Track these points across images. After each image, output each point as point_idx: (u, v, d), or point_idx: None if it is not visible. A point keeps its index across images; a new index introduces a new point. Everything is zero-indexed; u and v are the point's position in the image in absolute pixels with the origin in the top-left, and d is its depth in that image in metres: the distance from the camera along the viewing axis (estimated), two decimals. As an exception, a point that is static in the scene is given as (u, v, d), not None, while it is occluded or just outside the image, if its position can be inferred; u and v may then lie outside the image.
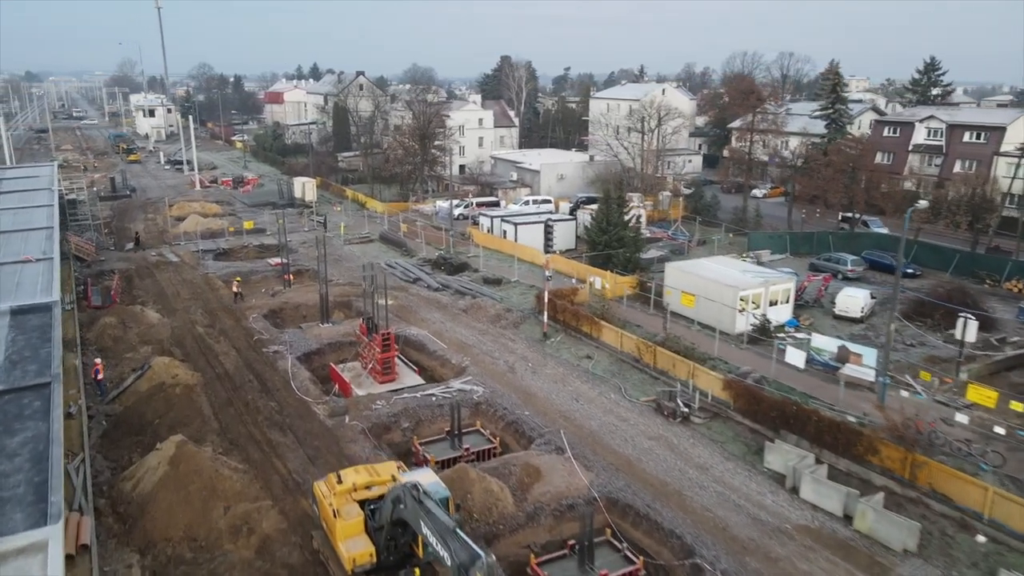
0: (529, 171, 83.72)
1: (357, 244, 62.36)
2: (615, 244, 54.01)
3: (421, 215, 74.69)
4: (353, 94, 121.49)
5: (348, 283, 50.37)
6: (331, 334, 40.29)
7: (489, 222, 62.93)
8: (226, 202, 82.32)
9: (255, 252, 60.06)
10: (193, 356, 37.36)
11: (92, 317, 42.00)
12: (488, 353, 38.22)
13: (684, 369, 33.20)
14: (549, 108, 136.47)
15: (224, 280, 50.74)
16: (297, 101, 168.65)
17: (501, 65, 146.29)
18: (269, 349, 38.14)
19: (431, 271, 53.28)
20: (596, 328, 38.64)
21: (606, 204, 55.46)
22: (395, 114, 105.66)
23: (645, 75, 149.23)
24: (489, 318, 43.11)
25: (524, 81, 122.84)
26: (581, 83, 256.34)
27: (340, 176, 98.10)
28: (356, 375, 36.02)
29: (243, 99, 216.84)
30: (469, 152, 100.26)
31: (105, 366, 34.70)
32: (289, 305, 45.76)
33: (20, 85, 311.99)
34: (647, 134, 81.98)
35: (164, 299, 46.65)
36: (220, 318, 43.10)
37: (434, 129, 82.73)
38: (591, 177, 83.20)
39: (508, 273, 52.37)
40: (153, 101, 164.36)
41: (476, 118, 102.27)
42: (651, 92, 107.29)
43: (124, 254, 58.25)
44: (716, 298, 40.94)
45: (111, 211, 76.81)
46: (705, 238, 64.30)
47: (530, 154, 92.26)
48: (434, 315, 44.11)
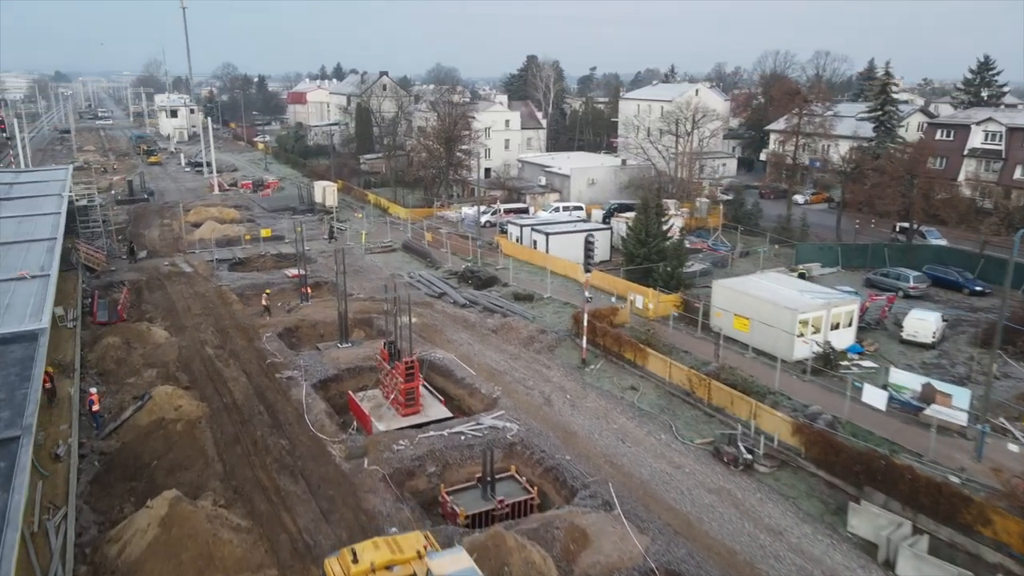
0: (559, 175, 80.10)
1: (379, 254, 59.16)
2: (655, 257, 50.26)
3: (446, 222, 71.39)
4: (376, 94, 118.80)
5: (369, 298, 47.13)
6: (350, 357, 37.01)
7: (518, 231, 59.40)
8: (245, 207, 79.66)
9: (272, 262, 57.11)
10: (200, 382, 34.27)
11: (96, 335, 39.15)
12: (521, 381, 34.69)
13: (744, 407, 29.41)
14: (576, 109, 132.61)
15: (238, 294, 47.78)
16: (320, 102, 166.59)
17: (527, 65, 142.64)
18: (283, 375, 34.94)
19: (457, 285, 49.89)
20: (641, 355, 34.94)
21: (644, 213, 51.72)
22: (419, 115, 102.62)
23: (676, 75, 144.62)
24: (521, 340, 39.59)
25: (552, 81, 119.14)
26: (607, 83, 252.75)
27: (362, 179, 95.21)
28: (376, 405, 32.69)
29: (266, 99, 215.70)
30: (495, 155, 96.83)
31: (103, 395, 31.72)
32: (306, 323, 42.59)
33: (48, 85, 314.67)
34: (682, 137, 77.91)
35: (174, 314, 43.72)
36: (231, 337, 40.04)
37: (460, 131, 79.40)
38: (623, 182, 79.41)
39: (540, 288, 48.80)
40: (176, 101, 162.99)
41: (503, 119, 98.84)
42: (684, 93, 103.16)
43: (137, 263, 55.56)
44: (772, 322, 37.06)
45: (127, 216, 74.52)
46: (748, 249, 60.24)
47: (559, 157, 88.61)
48: (461, 336, 40.69)
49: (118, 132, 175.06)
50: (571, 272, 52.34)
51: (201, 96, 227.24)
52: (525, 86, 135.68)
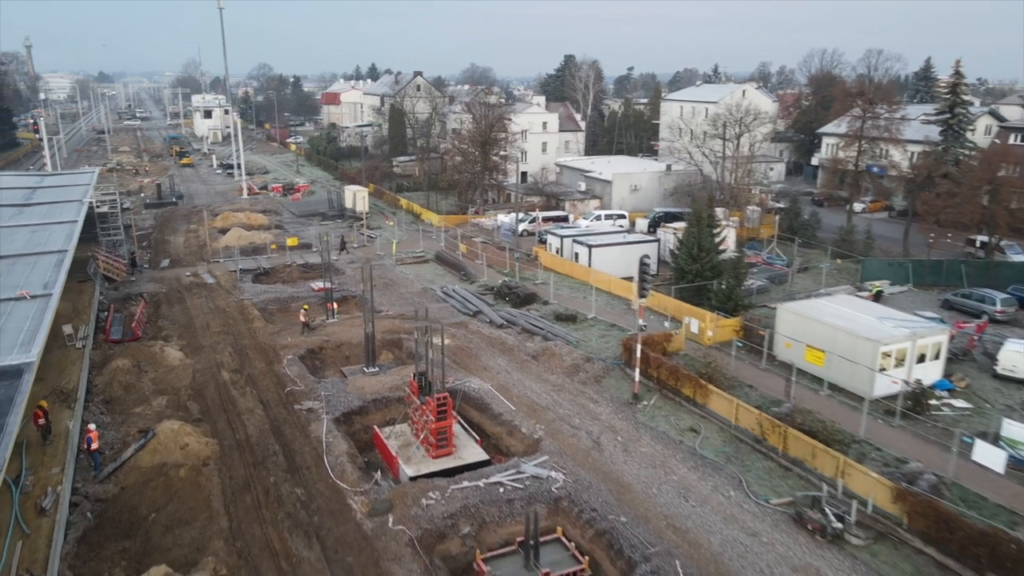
0: (599, 181, 76.09)
1: (410, 265, 55.86)
2: (708, 274, 46.11)
3: (480, 230, 67.90)
4: (410, 95, 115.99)
5: (398, 315, 43.81)
6: (376, 386, 33.62)
7: (558, 242, 55.60)
8: (274, 211, 77.18)
9: (298, 272, 54.18)
10: (212, 413, 31.19)
11: (107, 356, 36.39)
12: (566, 419, 30.94)
13: (828, 462, 25.27)
14: (615, 111, 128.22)
15: (260, 308, 44.82)
16: (353, 102, 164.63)
17: (565, 64, 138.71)
18: (302, 406, 31.68)
19: (493, 302, 46.31)
20: (701, 392, 30.93)
21: (697, 225, 47.55)
22: (453, 117, 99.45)
23: (721, 75, 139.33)
24: (565, 369, 35.82)
25: (591, 82, 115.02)
26: (644, 84, 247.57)
27: (394, 183, 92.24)
28: (405, 444, 29.24)
29: (301, 100, 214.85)
30: (532, 159, 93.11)
31: (106, 428, 28.80)
32: (330, 344, 39.37)
33: (90, 85, 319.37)
34: (731, 141, 73.30)
35: (191, 332, 40.87)
36: (250, 359, 36.97)
37: (496, 134, 75.88)
38: (668, 189, 75.16)
39: (583, 307, 44.98)
40: (211, 102, 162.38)
41: (540, 121, 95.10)
42: (731, 94, 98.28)
43: (159, 272, 53.07)
44: (849, 354, 32.75)
45: (154, 220, 72.48)
46: (807, 263, 55.63)
47: (599, 162, 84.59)
48: (498, 361, 37.07)
49: (154, 133, 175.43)
50: (616, 288, 48.45)
51: (237, 97, 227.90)
52: (563, 87, 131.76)
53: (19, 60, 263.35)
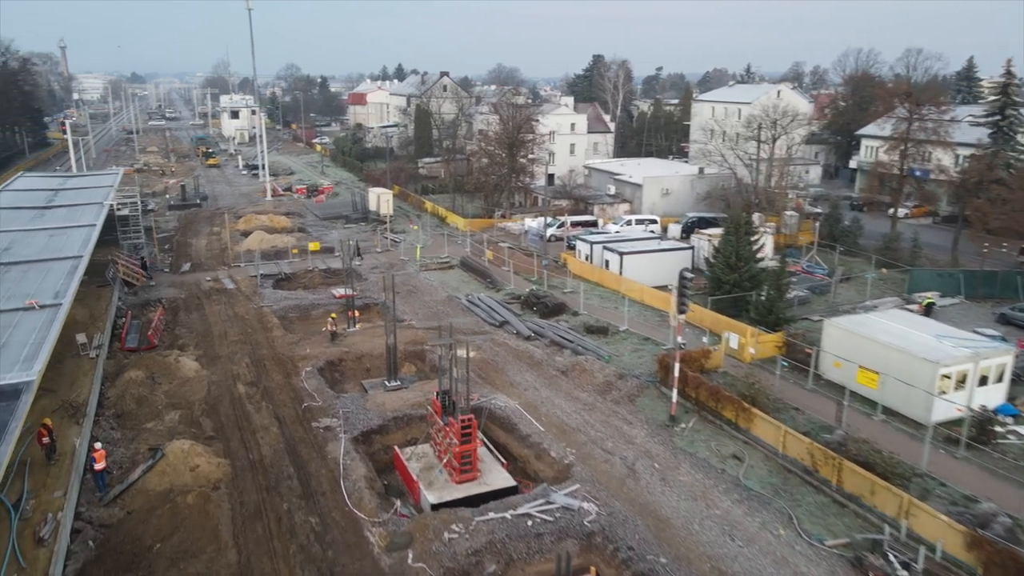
0: (629, 184, 73.86)
1: (435, 271, 54.19)
2: (746, 284, 43.80)
3: (507, 234, 66.08)
4: (436, 95, 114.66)
5: (422, 326, 42.12)
6: (398, 403, 31.92)
7: (588, 248, 53.57)
8: (297, 213, 76.11)
9: (320, 278, 52.79)
10: (226, 430, 29.73)
11: (120, 366, 35.16)
12: (598, 442, 28.97)
13: (889, 500, 23.00)
14: (645, 112, 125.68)
15: (280, 316, 43.46)
16: (380, 103, 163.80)
17: (593, 65, 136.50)
18: (320, 424, 30.10)
19: (521, 311, 44.44)
20: (745, 416, 28.76)
21: (735, 233, 45.23)
22: (480, 117, 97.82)
23: (754, 75, 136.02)
24: (596, 386, 33.84)
25: (621, 82, 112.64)
26: (673, 84, 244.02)
27: (419, 184, 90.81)
28: (427, 467, 27.51)
29: (327, 100, 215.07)
30: (560, 160, 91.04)
31: (112, 450, 27.42)
32: (351, 355, 37.79)
33: (122, 86, 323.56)
34: (768, 143, 70.61)
35: (208, 341, 39.58)
36: (267, 371, 35.52)
37: (524, 136, 74.01)
38: (701, 192, 72.66)
39: (615, 318, 42.92)
40: (238, 102, 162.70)
41: (568, 123, 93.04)
42: (765, 94, 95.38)
43: (179, 276, 52.04)
44: (905, 376, 30.35)
45: (178, 222, 71.77)
46: (849, 273, 52.94)
47: (629, 164, 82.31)
48: (526, 377, 35.19)
49: (182, 133, 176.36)
50: (648, 298, 46.33)
51: (265, 97, 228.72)
52: (591, 87, 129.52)
53: (52, 61, 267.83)
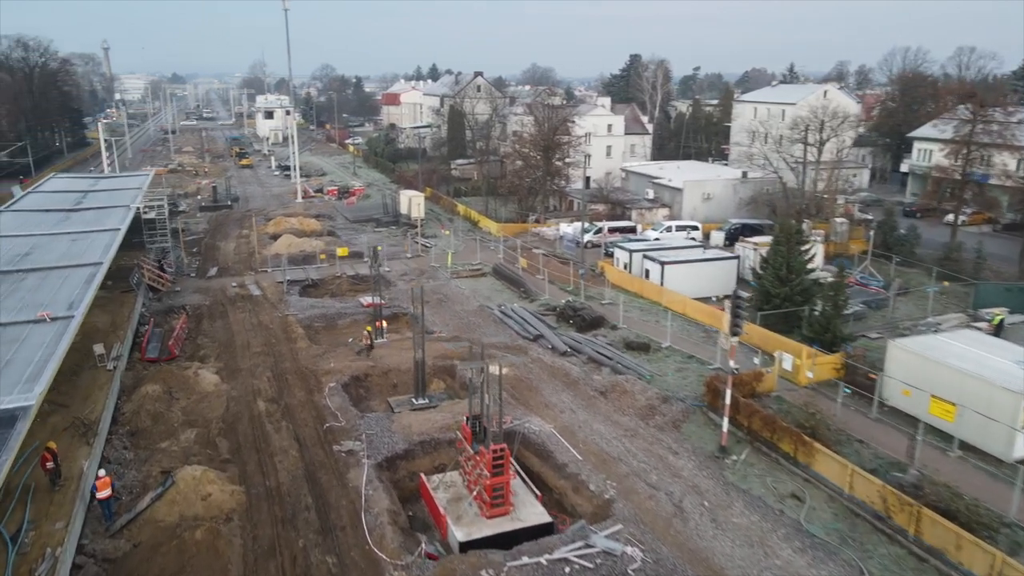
0: (669, 188, 71.06)
1: (467, 278, 52.15)
2: (798, 298, 40.94)
3: (542, 240, 63.82)
4: (469, 96, 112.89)
5: (452, 337, 40.12)
6: (425, 426, 29.87)
7: (626, 257, 51.05)
8: (328, 216, 74.81)
9: (348, 284, 51.14)
10: (243, 452, 27.98)
11: (138, 379, 33.70)
12: (641, 474, 26.57)
13: (978, 557, 20.24)
14: (683, 112, 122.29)
15: (305, 326, 41.80)
16: (413, 103, 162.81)
17: (630, 64, 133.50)
18: (342, 447, 28.19)
19: (556, 324, 42.15)
20: (804, 450, 26.10)
21: (785, 242, 42.38)
22: (514, 119, 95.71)
23: (799, 75, 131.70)
24: (638, 410, 31.40)
25: (659, 82, 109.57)
26: (711, 84, 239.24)
27: (452, 187, 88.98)
28: (455, 498, 25.41)
29: (361, 100, 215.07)
30: (596, 163, 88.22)
31: (122, 473, 25.84)
32: (377, 370, 35.87)
33: (162, 86, 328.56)
34: (816, 146, 67.23)
35: (230, 351, 38.03)
36: (290, 387, 33.78)
37: (559, 138, 71.65)
38: (744, 198, 69.59)
39: (656, 333, 40.38)
40: (272, 102, 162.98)
41: (605, 124, 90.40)
42: (810, 94, 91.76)
43: (205, 281, 50.79)
44: (982, 406, 27.42)
45: (207, 224, 70.90)
46: (907, 285, 49.61)
47: (668, 167, 79.46)
48: (562, 397, 32.90)
49: (218, 133, 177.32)
50: (691, 311, 43.70)
51: (300, 97, 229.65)
52: (628, 87, 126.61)
53: (95, 61, 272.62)
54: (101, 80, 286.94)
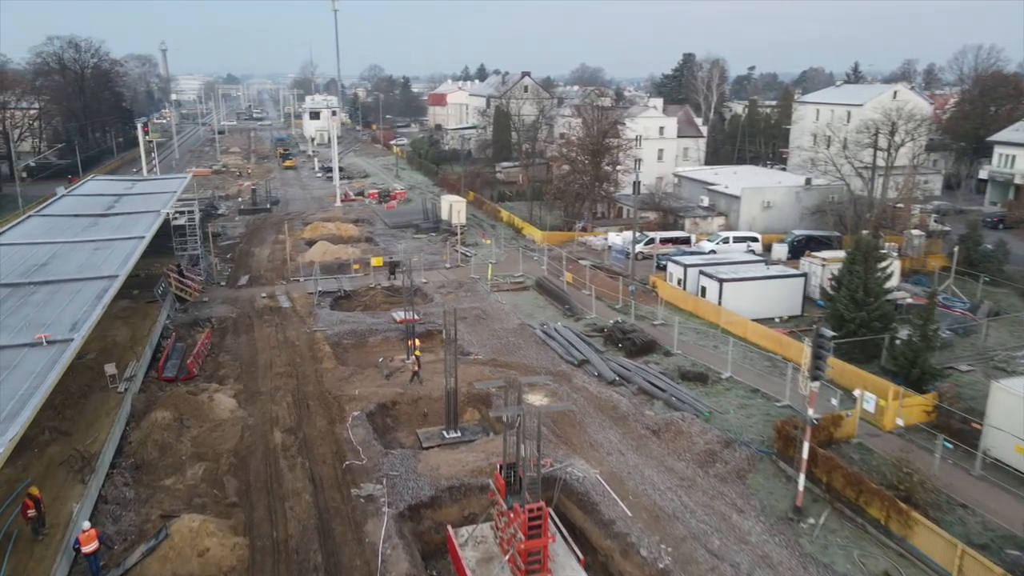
0: (725, 196, 66.59)
1: (507, 292, 48.87)
2: (876, 324, 36.51)
3: (589, 250, 60.15)
4: (516, 96, 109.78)
5: (489, 360, 36.89)
6: (455, 467, 26.65)
7: (680, 271, 47.08)
8: (367, 220, 72.49)
9: (383, 296, 48.39)
10: (252, 494, 25.19)
11: (151, 401, 31.32)
12: (701, 537, 22.85)
13: None
14: (739, 114, 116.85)
15: (333, 343, 39.11)
16: (460, 103, 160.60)
17: (684, 64, 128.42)
18: (360, 491, 25.19)
19: (603, 347, 38.55)
20: (899, 518, 22.01)
21: (862, 260, 37.95)
22: (561, 120, 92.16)
23: (865, 75, 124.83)
24: (696, 455, 27.64)
25: (715, 82, 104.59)
26: (766, 84, 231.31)
27: (496, 191, 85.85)
28: (485, 559, 22.19)
29: (408, 101, 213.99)
30: (647, 167, 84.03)
31: (119, 513, 23.29)
32: (406, 397, 32.83)
33: (215, 86, 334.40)
34: (886, 150, 62.02)
35: (252, 372, 35.51)
36: (310, 415, 31.00)
37: (609, 141, 67.88)
38: (808, 206, 64.72)
39: (714, 360, 36.46)
40: (319, 103, 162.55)
41: (657, 126, 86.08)
42: (879, 95, 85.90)
43: (235, 291, 48.66)
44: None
45: (245, 229, 69.21)
46: (997, 308, 44.50)
47: (724, 173, 74.84)
48: (609, 436, 29.34)
49: (266, 134, 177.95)
50: (752, 334, 39.58)
51: (349, 97, 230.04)
52: (680, 88, 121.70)
53: (151, 63, 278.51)
54: (157, 81, 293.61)
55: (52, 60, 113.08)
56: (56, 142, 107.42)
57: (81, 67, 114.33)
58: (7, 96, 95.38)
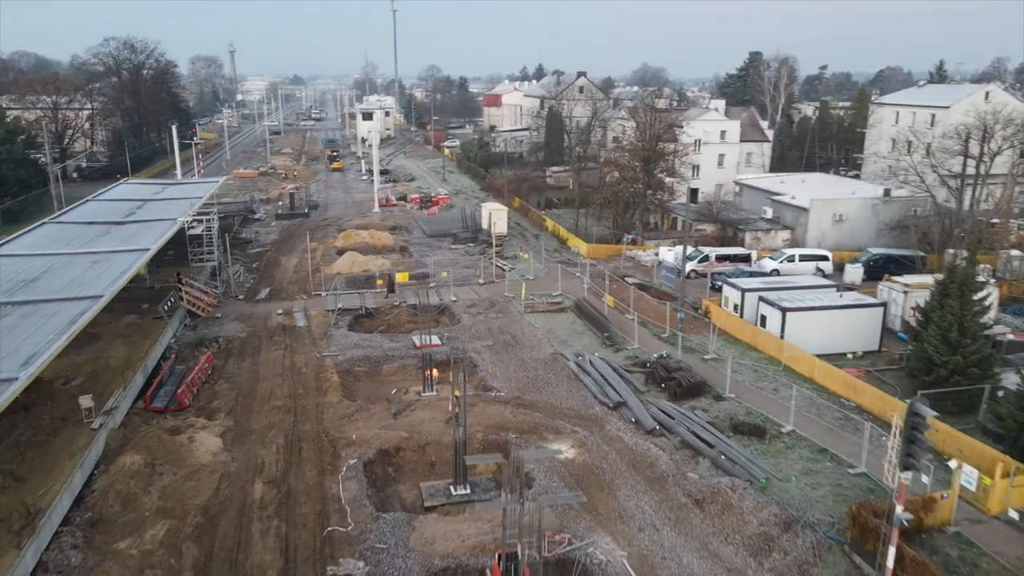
0: (792, 207, 60.40)
1: (543, 313, 44.33)
2: (974, 372, 30.60)
3: (637, 266, 55.06)
4: (570, 97, 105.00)
5: (514, 398, 32.48)
6: (452, 542, 22.31)
7: (737, 296, 41.67)
8: (405, 228, 69.10)
9: (407, 315, 44.53)
10: (213, 566, 21.44)
11: (127, 439, 28.03)
12: (751, 662, 17.94)
13: None
14: (808, 116, 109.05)
15: (344, 371, 35.42)
16: (514, 104, 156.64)
17: (749, 63, 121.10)
18: (337, 570, 21.17)
19: (644, 386, 33.67)
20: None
21: (958, 295, 32.03)
22: (616, 123, 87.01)
23: (952, 75, 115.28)
24: (748, 538, 22.62)
25: (783, 83, 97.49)
26: (839, 85, 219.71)
27: (543, 197, 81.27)
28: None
29: (463, 101, 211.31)
30: (705, 173, 78.50)
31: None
32: (412, 443, 28.73)
33: (279, 87, 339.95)
34: (979, 158, 54.89)
35: (248, 405, 32.03)
36: (300, 462, 27.22)
37: (663, 147, 62.55)
38: (887, 221, 58.03)
39: (774, 408, 31.14)
40: (372, 103, 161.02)
41: (717, 130, 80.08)
42: (968, 96, 77.75)
43: (252, 306, 45.60)
44: None
45: (278, 235, 66.63)
46: (1118, 349, 37.60)
47: (791, 181, 68.45)
48: (642, 504, 24.56)
49: (322, 134, 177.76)
50: (821, 375, 34.06)
51: (405, 97, 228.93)
52: (745, 88, 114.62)
53: (216, 64, 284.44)
54: (222, 81, 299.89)
55: (108, 60, 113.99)
56: (112, 143, 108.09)
57: (136, 67, 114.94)
58: (60, 97, 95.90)
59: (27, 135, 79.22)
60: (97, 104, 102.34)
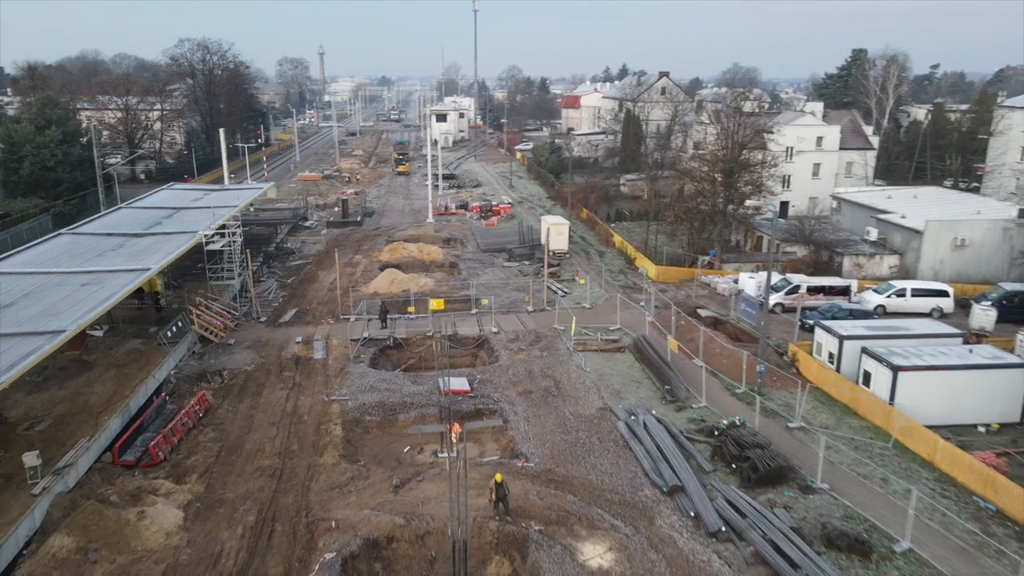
0: (901, 229, 51.43)
1: (595, 352, 37.84)
2: None
3: (712, 294, 47.72)
4: (649, 99, 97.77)
5: (544, 471, 26.32)
6: None
7: (833, 343, 33.99)
8: (459, 240, 63.87)
9: (443, 348, 38.99)
10: None
11: (75, 504, 23.51)
12: None
13: None
14: (919, 121, 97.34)
15: (353, 421, 30.13)
16: (592, 106, 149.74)
17: (852, 61, 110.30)
18: None
19: (710, 464, 26.82)
20: None
21: None
22: (698, 128, 79.24)
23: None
24: None
25: (892, 83, 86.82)
26: (952, 86, 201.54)
27: (614, 209, 74.36)
28: None
29: (543, 103, 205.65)
30: (797, 185, 69.79)
31: None
32: (409, 530, 23.01)
33: (363, 88, 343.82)
34: None
35: (229, 463, 27.15)
36: (269, 549, 21.98)
37: (747, 156, 54.79)
38: (1021, 248, 48.46)
39: (883, 508, 23.72)
40: (447, 105, 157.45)
41: (813, 136, 71.09)
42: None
43: (271, 331, 41.13)
44: None
45: (324, 246, 62.60)
46: None
47: (900, 196, 59.17)
48: (695, 657, 17.95)
49: (398, 135, 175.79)
50: (948, 463, 26.26)
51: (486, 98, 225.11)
52: (846, 90, 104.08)
53: (303, 65, 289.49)
54: (308, 83, 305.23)
55: (183, 61, 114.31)
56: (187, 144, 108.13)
57: (209, 69, 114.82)
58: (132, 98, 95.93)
59: (90, 136, 78.49)
60: (168, 105, 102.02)
